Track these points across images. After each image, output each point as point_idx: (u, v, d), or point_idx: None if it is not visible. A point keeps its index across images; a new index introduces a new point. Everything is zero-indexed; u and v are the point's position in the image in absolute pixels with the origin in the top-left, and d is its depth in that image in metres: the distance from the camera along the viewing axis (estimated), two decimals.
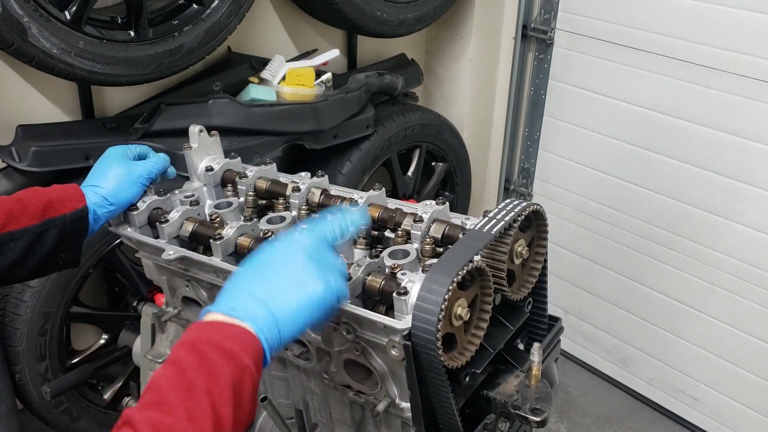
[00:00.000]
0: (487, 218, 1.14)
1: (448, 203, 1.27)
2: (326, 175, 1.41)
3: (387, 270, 1.12)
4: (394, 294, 1.04)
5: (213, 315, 0.89)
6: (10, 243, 1.14)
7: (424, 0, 2.49)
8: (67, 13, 1.74)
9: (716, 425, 2.68)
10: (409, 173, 2.70)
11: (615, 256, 2.81)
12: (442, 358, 1.02)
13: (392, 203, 1.31)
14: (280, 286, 0.92)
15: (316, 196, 1.33)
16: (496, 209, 1.16)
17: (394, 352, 1.07)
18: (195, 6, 1.97)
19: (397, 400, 1.17)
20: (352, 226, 1.05)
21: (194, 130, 1.43)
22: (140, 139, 1.97)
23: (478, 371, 1.13)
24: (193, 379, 0.81)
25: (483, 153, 3.12)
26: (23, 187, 1.35)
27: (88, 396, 2.17)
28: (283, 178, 1.42)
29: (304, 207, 1.32)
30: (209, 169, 1.42)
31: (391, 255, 1.14)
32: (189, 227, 1.28)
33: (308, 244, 0.97)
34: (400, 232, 1.22)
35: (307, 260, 0.95)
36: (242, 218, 1.33)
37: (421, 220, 1.20)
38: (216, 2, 1.98)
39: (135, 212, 1.31)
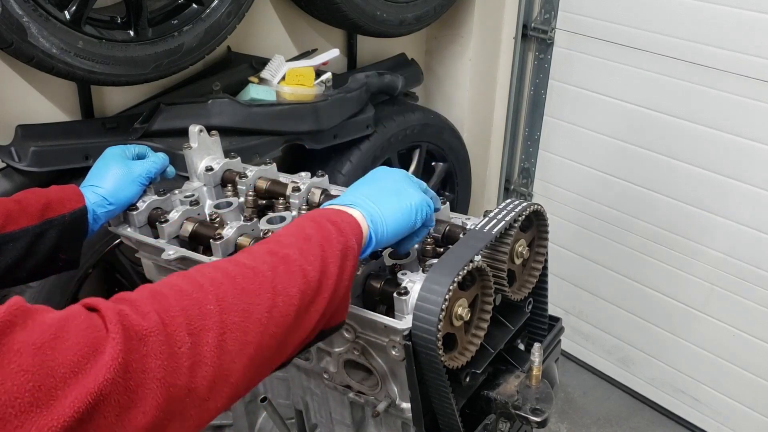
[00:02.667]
0: (487, 218, 1.14)
1: (448, 203, 1.26)
2: (326, 175, 1.40)
3: (387, 270, 1.12)
4: (395, 294, 1.04)
5: (327, 207, 1.03)
6: (9, 244, 1.14)
7: (424, 0, 2.49)
8: (66, 12, 1.74)
9: (717, 425, 2.68)
10: (409, 173, 2.69)
11: (615, 256, 2.81)
12: (442, 359, 1.02)
13: None
14: (386, 191, 1.06)
15: (316, 196, 1.33)
16: (497, 209, 1.16)
17: (394, 353, 1.07)
18: (194, 6, 1.97)
19: (398, 401, 1.17)
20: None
21: (194, 129, 1.42)
22: (140, 138, 1.97)
23: (478, 371, 1.13)
24: (311, 234, 0.93)
25: (483, 153, 3.12)
26: (23, 187, 1.35)
27: None
28: (283, 178, 1.42)
29: (304, 207, 1.31)
30: (209, 169, 1.42)
31: (392, 255, 1.14)
32: (189, 227, 1.28)
33: (407, 174, 1.13)
34: None
35: (407, 180, 1.10)
36: (242, 218, 1.32)
37: None
38: (216, 2, 1.98)
39: (135, 212, 1.31)
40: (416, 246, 1.19)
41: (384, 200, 1.04)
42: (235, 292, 0.81)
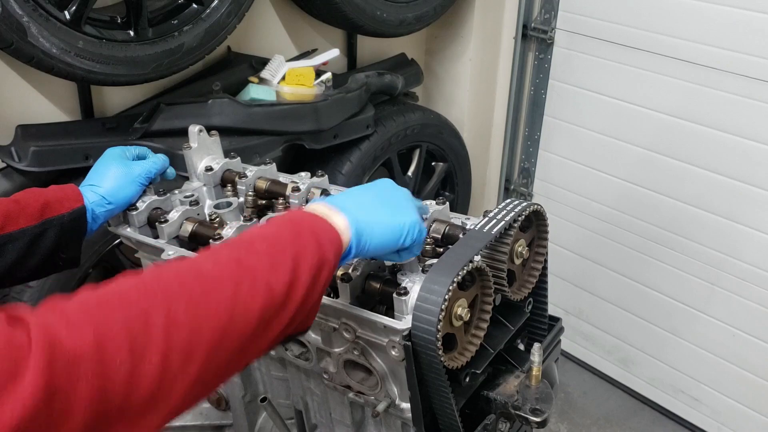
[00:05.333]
0: (487, 218, 1.14)
1: (448, 203, 1.26)
2: (326, 175, 1.40)
3: (387, 270, 1.12)
4: (394, 294, 1.04)
5: (316, 205, 0.98)
6: (9, 244, 1.14)
7: (424, 0, 2.49)
8: (66, 12, 1.74)
9: (717, 425, 2.68)
10: (409, 173, 2.69)
11: (615, 256, 2.81)
12: (442, 359, 1.02)
13: None
14: (383, 202, 1.02)
15: (316, 196, 1.33)
16: (497, 209, 1.16)
17: (394, 353, 1.07)
18: (195, 5, 1.97)
19: (397, 401, 1.17)
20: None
21: (194, 129, 1.42)
22: (140, 138, 1.97)
23: (478, 371, 1.13)
24: (286, 244, 0.87)
25: (483, 153, 3.12)
26: (23, 187, 1.35)
27: None
28: (283, 178, 1.42)
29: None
30: (209, 169, 1.42)
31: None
32: (188, 227, 1.28)
33: (408, 192, 1.08)
34: None
35: (408, 199, 1.06)
36: (242, 218, 1.32)
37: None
38: (216, 2, 1.98)
39: (134, 212, 1.31)
40: None
41: (377, 211, 1.00)
42: (189, 306, 0.74)
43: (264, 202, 1.39)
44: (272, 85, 2.21)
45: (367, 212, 0.99)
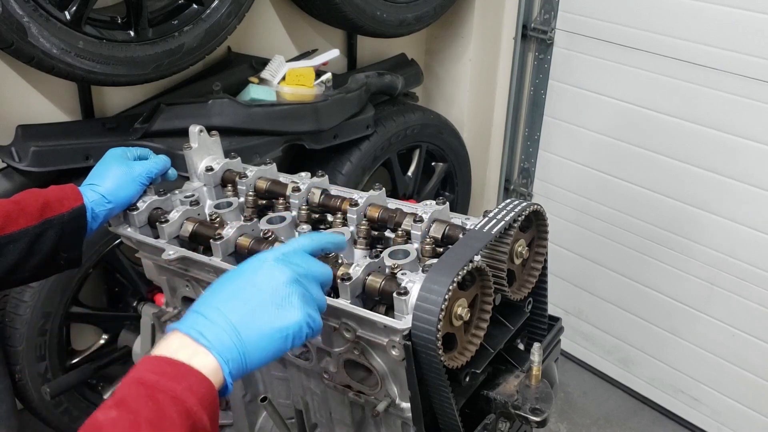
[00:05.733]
0: (487, 218, 1.14)
1: (448, 203, 1.26)
2: (326, 175, 1.40)
3: (387, 270, 1.12)
4: (394, 294, 1.04)
5: (179, 337, 0.84)
6: (9, 245, 1.14)
7: (424, 0, 2.49)
8: (66, 13, 1.74)
9: (717, 425, 2.68)
10: (409, 173, 2.70)
11: (615, 256, 2.81)
12: (442, 358, 1.02)
13: (392, 203, 1.31)
14: (256, 311, 0.87)
15: (316, 196, 1.33)
16: (496, 209, 1.16)
17: (394, 352, 1.07)
18: (195, 6, 1.97)
19: (397, 400, 1.17)
20: (342, 243, 1.07)
21: (194, 130, 1.43)
22: (140, 139, 1.97)
23: (478, 371, 1.13)
24: (143, 425, 0.74)
25: (483, 153, 3.12)
26: (23, 188, 1.35)
27: (88, 396, 2.16)
28: (283, 178, 1.42)
29: (304, 207, 1.32)
30: (209, 169, 1.42)
31: (392, 255, 1.14)
32: (189, 227, 1.28)
33: (298, 269, 0.92)
34: (400, 232, 1.22)
35: (292, 286, 0.90)
36: (242, 218, 1.33)
37: (421, 220, 1.20)
38: (216, 2, 1.98)
39: (135, 212, 1.31)
40: (416, 246, 1.19)
41: (256, 325, 0.86)
42: None
43: (264, 202, 1.39)
44: (272, 86, 2.21)
45: (242, 333, 0.85)
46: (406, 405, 1.15)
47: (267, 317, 0.87)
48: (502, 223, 1.12)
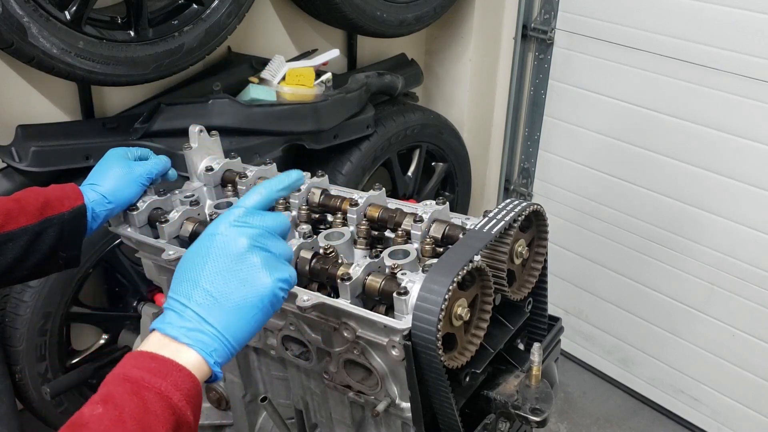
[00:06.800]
0: (487, 218, 1.14)
1: (448, 203, 1.26)
2: (326, 175, 1.40)
3: (387, 270, 1.12)
4: (394, 294, 1.04)
5: (158, 338, 0.84)
6: (9, 243, 1.14)
7: (424, 0, 2.49)
8: (67, 13, 1.74)
9: (717, 425, 2.68)
10: (409, 173, 2.70)
11: (615, 256, 2.81)
12: (442, 358, 1.02)
13: (392, 203, 1.31)
14: (224, 292, 0.85)
15: (316, 196, 1.33)
16: (496, 209, 1.16)
17: (394, 352, 1.07)
18: (195, 6, 1.97)
19: (397, 400, 1.17)
20: (294, 182, 1.02)
21: (194, 130, 1.43)
22: (140, 138, 1.97)
23: (478, 371, 1.13)
24: (129, 420, 0.75)
25: (483, 153, 3.12)
26: (23, 187, 1.35)
27: (88, 396, 2.15)
28: None
29: (304, 207, 1.32)
30: (209, 169, 1.42)
31: (392, 255, 1.14)
32: (189, 227, 1.28)
33: (252, 231, 0.89)
34: (400, 232, 1.22)
35: (251, 252, 0.87)
36: None
37: (421, 220, 1.20)
38: (216, 2, 1.98)
39: (135, 212, 1.31)
40: (416, 246, 1.19)
41: (228, 306, 0.84)
42: None
43: None
44: (272, 86, 2.21)
45: (220, 319, 0.84)
46: (406, 405, 1.16)
47: (237, 294, 0.85)
48: (502, 223, 1.12)
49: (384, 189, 1.32)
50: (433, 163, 2.79)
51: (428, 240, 1.18)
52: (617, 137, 2.66)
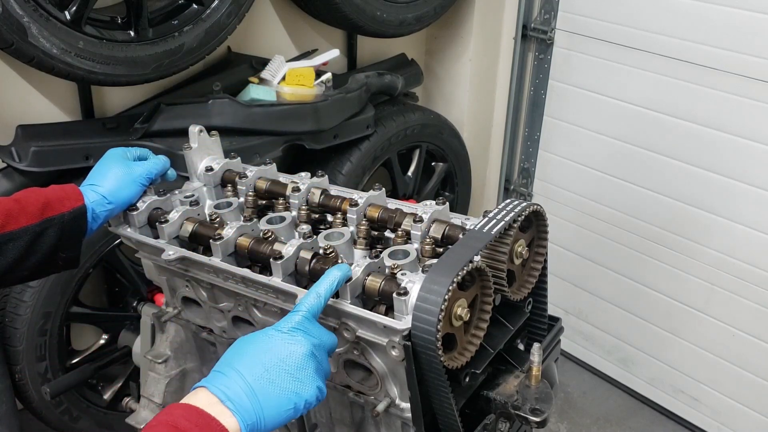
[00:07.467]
0: (487, 218, 1.14)
1: (448, 203, 1.26)
2: (326, 175, 1.40)
3: (387, 270, 1.12)
4: (394, 294, 1.04)
5: (207, 395, 0.90)
6: (10, 243, 1.14)
7: (424, 0, 2.49)
8: (67, 13, 1.74)
9: (717, 425, 2.68)
10: (409, 173, 2.70)
11: (615, 256, 2.81)
12: (442, 359, 1.02)
13: (392, 203, 1.31)
14: (276, 380, 0.93)
15: (316, 196, 1.33)
16: (496, 209, 1.16)
17: (394, 353, 1.07)
18: (195, 6, 1.97)
19: (397, 401, 1.17)
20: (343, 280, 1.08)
21: (194, 130, 1.43)
22: (140, 139, 1.97)
23: (478, 371, 1.13)
24: None
25: (483, 153, 3.12)
26: (23, 187, 1.35)
27: (88, 396, 2.17)
28: (283, 178, 1.42)
29: (304, 207, 1.32)
30: (209, 169, 1.42)
31: (391, 255, 1.14)
32: (189, 227, 1.28)
33: (314, 340, 0.98)
34: (400, 233, 1.22)
35: (308, 359, 0.96)
36: (242, 218, 1.33)
37: (421, 221, 1.20)
38: (216, 2, 1.98)
39: (135, 212, 1.31)
40: (416, 246, 1.19)
41: (274, 393, 0.92)
42: None
43: (264, 202, 1.39)
44: (272, 86, 2.21)
45: (261, 399, 0.91)
46: (406, 405, 1.16)
47: (285, 387, 0.93)
48: (502, 223, 1.12)
49: (384, 189, 1.32)
50: (433, 163, 2.79)
51: (428, 240, 1.18)
52: (617, 137, 2.66)
